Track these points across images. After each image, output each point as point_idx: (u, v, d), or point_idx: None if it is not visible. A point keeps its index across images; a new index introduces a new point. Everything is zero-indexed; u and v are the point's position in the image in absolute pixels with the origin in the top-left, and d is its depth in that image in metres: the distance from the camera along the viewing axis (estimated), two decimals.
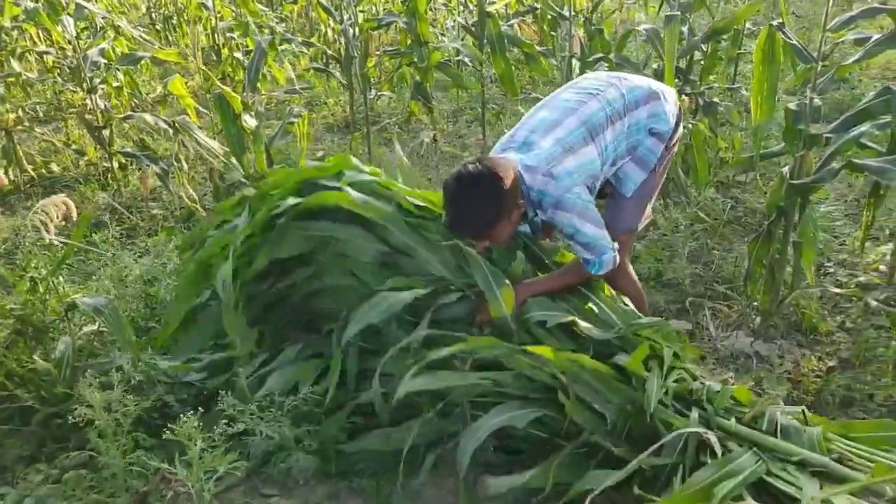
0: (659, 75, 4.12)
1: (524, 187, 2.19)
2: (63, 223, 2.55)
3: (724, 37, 4.43)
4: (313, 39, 6.19)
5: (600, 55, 3.95)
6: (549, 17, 4.93)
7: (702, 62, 4.53)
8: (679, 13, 3.16)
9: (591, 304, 2.27)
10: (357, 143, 5.05)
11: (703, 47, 4.39)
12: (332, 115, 6.02)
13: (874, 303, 2.59)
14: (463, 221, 2.14)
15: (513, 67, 4.50)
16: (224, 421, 1.89)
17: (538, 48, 4.53)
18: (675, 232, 3.36)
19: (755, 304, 2.84)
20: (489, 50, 4.40)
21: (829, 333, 2.72)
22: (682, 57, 4.07)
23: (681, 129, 2.46)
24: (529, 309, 2.21)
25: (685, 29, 3.98)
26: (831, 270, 3.17)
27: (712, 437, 1.72)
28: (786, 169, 2.57)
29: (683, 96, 3.58)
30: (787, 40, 2.47)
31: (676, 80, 3.88)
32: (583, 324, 2.15)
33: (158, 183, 4.09)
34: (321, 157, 5.06)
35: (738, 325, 2.82)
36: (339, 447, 2.10)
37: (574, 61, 3.96)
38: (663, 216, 3.52)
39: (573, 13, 3.83)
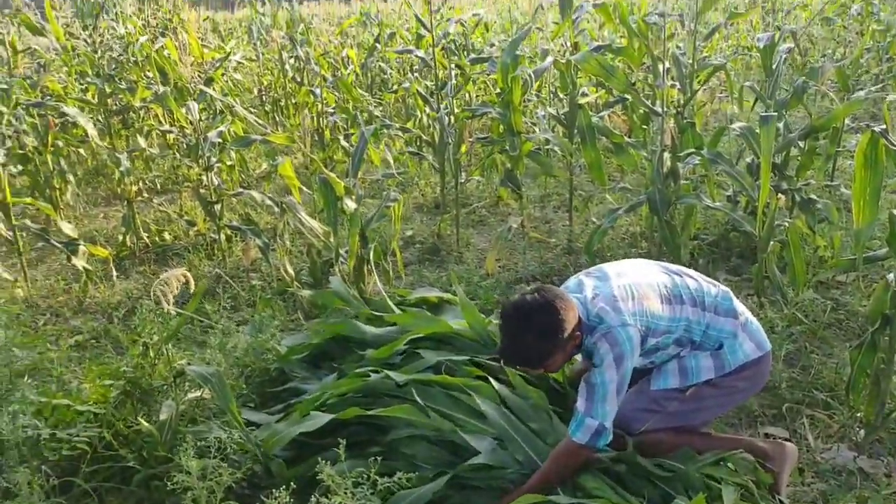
0: (753, 170, 4.10)
1: (584, 312, 2.14)
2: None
3: (822, 134, 4.37)
4: (409, 124, 6.52)
5: (692, 150, 3.97)
6: (641, 110, 5.01)
7: (798, 158, 4.46)
8: (775, 113, 3.15)
9: None
10: (446, 224, 5.21)
11: (800, 143, 4.33)
12: (422, 195, 6.26)
13: None
14: (516, 354, 2.10)
15: (602, 156, 4.56)
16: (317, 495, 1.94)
17: (627, 139, 4.59)
18: (772, 332, 3.24)
19: (859, 415, 2.69)
20: (579, 140, 4.50)
21: None
22: (778, 153, 4.03)
23: (752, 383, 2.31)
24: None
25: (780, 125, 3.95)
26: None
27: None
28: (891, 276, 2.48)
29: (779, 194, 3.52)
30: (890, 146, 2.43)
31: (772, 176, 3.83)
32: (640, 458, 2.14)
33: (259, 255, 4.34)
34: (411, 235, 5.25)
35: (841, 437, 2.66)
36: None
37: (665, 154, 4.00)
38: (758, 316, 3.41)
39: (665, 108, 3.89)
